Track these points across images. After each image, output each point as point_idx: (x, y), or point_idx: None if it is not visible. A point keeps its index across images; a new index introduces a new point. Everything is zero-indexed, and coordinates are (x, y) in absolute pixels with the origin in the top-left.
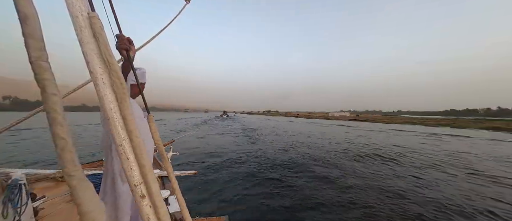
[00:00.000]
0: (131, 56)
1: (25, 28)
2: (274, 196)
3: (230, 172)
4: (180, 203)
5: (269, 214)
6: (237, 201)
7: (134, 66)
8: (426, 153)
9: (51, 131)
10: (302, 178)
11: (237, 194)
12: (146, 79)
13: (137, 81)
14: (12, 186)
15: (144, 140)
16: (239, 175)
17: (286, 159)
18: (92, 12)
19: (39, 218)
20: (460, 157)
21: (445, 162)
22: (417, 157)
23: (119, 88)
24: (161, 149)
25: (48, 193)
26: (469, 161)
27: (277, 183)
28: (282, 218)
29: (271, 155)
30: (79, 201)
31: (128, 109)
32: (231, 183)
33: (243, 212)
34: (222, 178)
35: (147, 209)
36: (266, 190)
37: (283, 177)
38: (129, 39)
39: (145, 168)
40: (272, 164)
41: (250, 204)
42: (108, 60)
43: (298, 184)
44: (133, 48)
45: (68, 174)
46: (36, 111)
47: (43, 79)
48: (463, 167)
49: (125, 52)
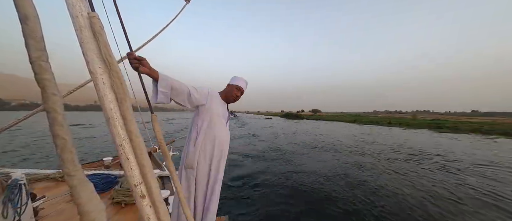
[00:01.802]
0: (143, 71)
1: (25, 28)
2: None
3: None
4: (182, 203)
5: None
6: (236, 200)
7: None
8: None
9: (51, 131)
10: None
11: (237, 193)
12: (238, 81)
13: (146, 97)
14: (12, 186)
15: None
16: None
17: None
18: (92, 12)
19: (39, 218)
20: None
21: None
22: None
23: (119, 88)
24: (164, 149)
25: (48, 193)
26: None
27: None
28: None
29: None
30: (79, 201)
31: (128, 109)
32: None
33: (242, 212)
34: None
35: (147, 209)
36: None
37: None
38: (137, 57)
39: (145, 168)
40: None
41: (250, 202)
42: (108, 60)
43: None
44: (145, 62)
45: (68, 174)
46: (36, 111)
47: (43, 79)
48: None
49: (136, 69)
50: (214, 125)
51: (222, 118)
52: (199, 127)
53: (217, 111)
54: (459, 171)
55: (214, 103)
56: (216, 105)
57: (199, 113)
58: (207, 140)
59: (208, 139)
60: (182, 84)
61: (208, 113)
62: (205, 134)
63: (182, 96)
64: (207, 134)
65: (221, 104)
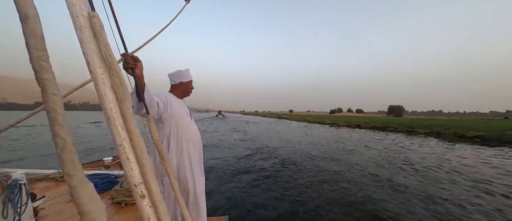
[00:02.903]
0: (137, 74)
1: (25, 28)
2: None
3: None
4: (180, 203)
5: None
6: (236, 200)
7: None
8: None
9: (51, 131)
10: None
11: (237, 193)
12: (190, 76)
13: (144, 100)
14: (12, 186)
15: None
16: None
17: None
18: (92, 12)
19: (39, 218)
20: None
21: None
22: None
23: (119, 88)
24: (161, 150)
25: (48, 193)
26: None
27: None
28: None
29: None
30: (79, 201)
31: (128, 109)
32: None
33: (242, 212)
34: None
35: (147, 209)
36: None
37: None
38: (134, 57)
39: (145, 168)
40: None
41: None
42: (108, 60)
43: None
44: (140, 65)
45: (68, 174)
46: (36, 110)
47: (43, 79)
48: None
49: (131, 71)
50: (182, 127)
51: (185, 117)
52: (167, 134)
53: (179, 113)
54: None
55: (174, 106)
56: (176, 108)
57: (163, 121)
58: (180, 143)
59: (181, 142)
60: (153, 98)
61: (172, 119)
62: (176, 140)
63: (154, 109)
64: (177, 138)
65: (179, 103)
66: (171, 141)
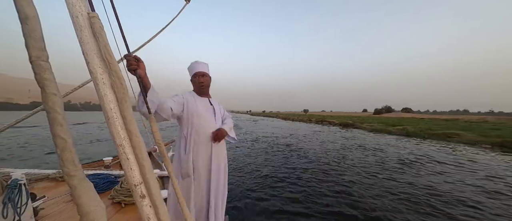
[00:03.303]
0: (140, 74)
1: (25, 28)
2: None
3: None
4: (181, 203)
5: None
6: (235, 198)
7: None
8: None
9: (51, 131)
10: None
11: (237, 193)
12: (194, 69)
13: (146, 100)
14: (12, 186)
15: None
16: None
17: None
18: (92, 12)
19: (39, 218)
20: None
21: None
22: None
23: (119, 88)
24: (162, 149)
25: (48, 193)
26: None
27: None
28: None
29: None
30: (79, 201)
31: (128, 109)
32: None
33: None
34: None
35: (147, 209)
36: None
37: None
38: (136, 57)
39: (145, 168)
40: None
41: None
42: (108, 60)
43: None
44: (142, 65)
45: (68, 174)
46: (36, 110)
47: (43, 79)
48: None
49: (134, 72)
50: (198, 127)
51: (205, 115)
52: (185, 135)
53: (197, 112)
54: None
55: (191, 105)
56: (194, 107)
57: (181, 122)
58: (197, 143)
59: (198, 142)
60: (166, 101)
61: (189, 119)
62: (195, 140)
63: (167, 112)
64: (196, 139)
65: (200, 101)
66: (188, 142)
